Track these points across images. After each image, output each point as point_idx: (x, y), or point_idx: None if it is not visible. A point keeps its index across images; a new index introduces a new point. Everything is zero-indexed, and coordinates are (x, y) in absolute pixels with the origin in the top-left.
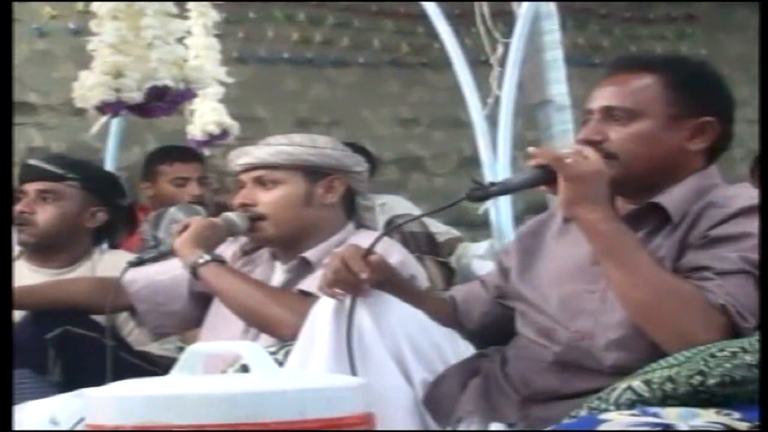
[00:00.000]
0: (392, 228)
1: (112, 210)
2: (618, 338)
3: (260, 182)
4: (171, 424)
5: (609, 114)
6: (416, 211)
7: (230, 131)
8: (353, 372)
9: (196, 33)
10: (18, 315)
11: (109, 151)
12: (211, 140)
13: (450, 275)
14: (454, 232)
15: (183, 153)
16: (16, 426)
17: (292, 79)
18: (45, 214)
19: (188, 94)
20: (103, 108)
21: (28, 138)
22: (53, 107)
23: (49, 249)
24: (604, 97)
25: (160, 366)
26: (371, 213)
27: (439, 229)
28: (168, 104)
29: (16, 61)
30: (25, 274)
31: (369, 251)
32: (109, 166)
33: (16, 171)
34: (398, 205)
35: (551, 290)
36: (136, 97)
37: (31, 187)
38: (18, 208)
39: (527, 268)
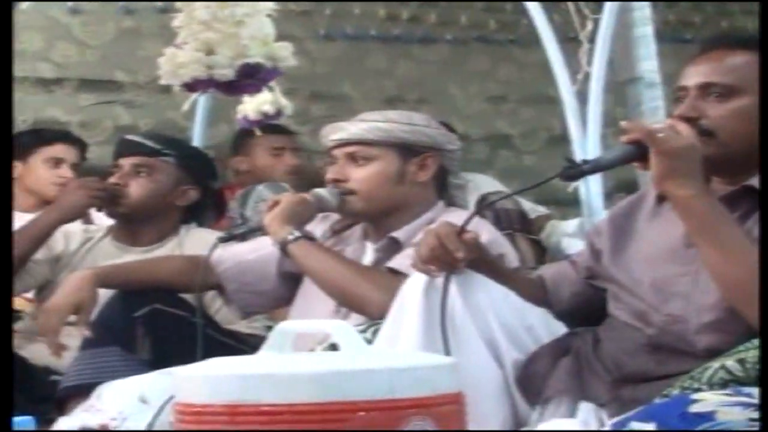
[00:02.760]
0: (485, 206)
1: (203, 190)
2: (711, 321)
3: (353, 158)
4: (260, 403)
5: (706, 91)
6: (502, 189)
7: (284, 111)
8: (446, 351)
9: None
10: (105, 294)
11: (197, 129)
12: (263, 120)
13: (541, 253)
14: (542, 210)
15: (276, 126)
16: (107, 404)
17: (380, 57)
18: (138, 187)
19: (276, 72)
20: (194, 85)
21: (116, 116)
22: (140, 85)
23: (137, 225)
24: (700, 73)
25: (248, 344)
26: (462, 192)
27: (527, 206)
28: (258, 82)
29: (103, 40)
30: (113, 253)
31: (463, 229)
32: (196, 144)
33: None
34: (484, 183)
35: (644, 273)
36: (228, 74)
37: (127, 162)
38: (111, 180)
39: (619, 251)
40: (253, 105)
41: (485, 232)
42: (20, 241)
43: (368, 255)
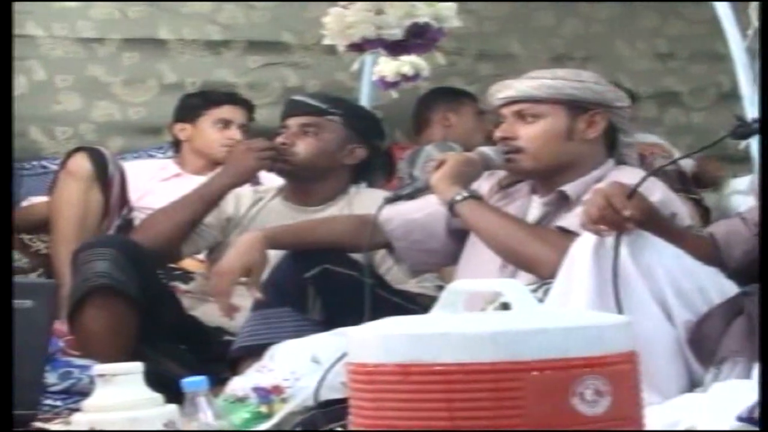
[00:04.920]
0: (658, 168)
1: (371, 150)
2: None
3: (521, 116)
4: (433, 362)
5: None
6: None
7: (422, 73)
8: (618, 310)
9: None
10: (275, 255)
11: (364, 90)
12: (401, 81)
13: (704, 212)
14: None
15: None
16: (279, 364)
17: (547, 15)
18: (305, 146)
19: (442, 33)
20: (361, 45)
21: (283, 78)
22: (307, 46)
23: (306, 184)
24: None
25: (418, 304)
26: (632, 150)
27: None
28: (426, 42)
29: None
30: (283, 213)
31: (634, 191)
32: (363, 104)
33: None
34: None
35: None
36: (396, 33)
37: (294, 122)
38: (279, 139)
39: None
40: (391, 67)
41: (657, 191)
42: (192, 205)
43: (535, 209)
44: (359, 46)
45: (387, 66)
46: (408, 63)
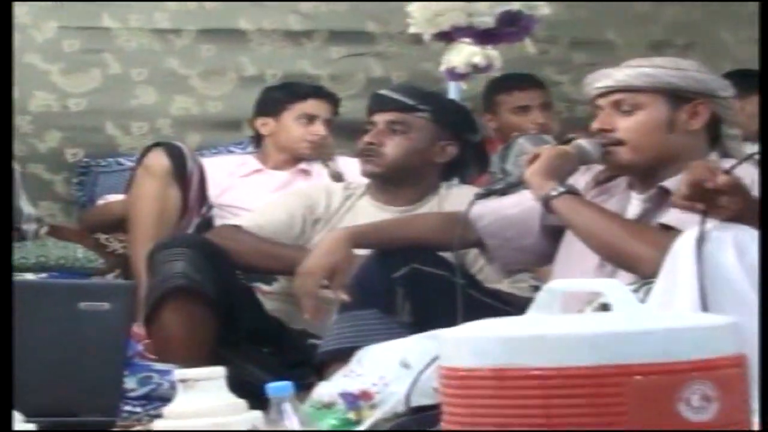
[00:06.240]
0: (751, 154)
1: (463, 145)
2: None
3: (619, 107)
4: (530, 366)
5: None
6: None
7: (494, 64)
8: (703, 306)
9: None
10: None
11: (453, 82)
12: (472, 72)
13: None
14: None
15: (521, 80)
16: (368, 369)
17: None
18: (393, 146)
19: (534, 20)
20: (450, 34)
21: (368, 68)
22: (392, 35)
23: (395, 184)
24: None
25: (512, 305)
26: (736, 142)
27: None
28: (519, 30)
29: None
30: (370, 212)
31: (729, 170)
32: (452, 96)
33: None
34: None
35: None
36: (488, 21)
37: (381, 118)
38: (366, 138)
39: None
40: (461, 57)
41: (748, 178)
42: (276, 260)
43: (634, 206)
44: (447, 35)
45: (457, 56)
46: (479, 53)
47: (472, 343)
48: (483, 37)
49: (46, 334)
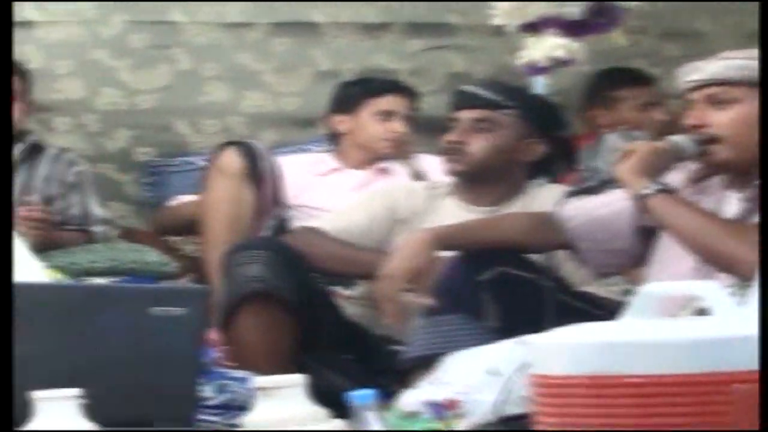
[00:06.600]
0: None
1: (551, 142)
2: None
3: (714, 101)
4: (626, 374)
5: None
6: None
7: (576, 57)
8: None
9: None
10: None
11: (537, 77)
12: (553, 67)
13: None
14: None
15: (639, 75)
16: (454, 376)
17: None
18: (479, 144)
19: (623, 12)
20: (537, 25)
21: (448, 62)
22: (473, 27)
23: (480, 183)
24: None
25: (605, 309)
26: None
27: None
28: (610, 21)
29: None
30: (455, 212)
31: None
32: (538, 91)
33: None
34: None
35: None
36: (576, 12)
37: (465, 115)
38: (450, 137)
39: None
40: (542, 50)
41: None
42: (354, 265)
43: (732, 205)
44: (534, 26)
45: (535, 50)
46: (560, 46)
47: (566, 350)
48: (571, 28)
49: (118, 340)
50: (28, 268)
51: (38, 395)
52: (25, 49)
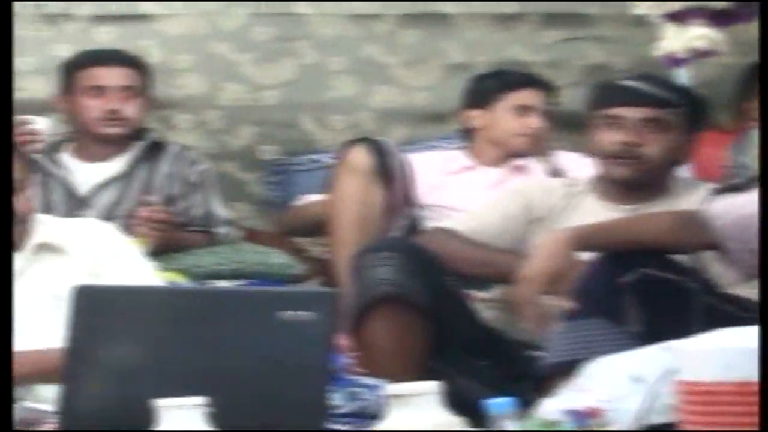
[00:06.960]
0: None
1: (696, 138)
2: None
3: None
4: None
5: None
6: None
7: (718, 48)
8: None
9: None
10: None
11: (681, 70)
12: (693, 58)
13: None
14: None
15: None
16: (596, 383)
17: None
18: (654, 147)
19: None
20: (682, 15)
21: (585, 54)
22: (612, 17)
23: (629, 181)
24: None
25: (754, 312)
26: None
27: None
28: (755, 10)
29: None
30: (597, 211)
31: None
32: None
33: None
34: None
35: None
36: (724, 2)
37: (632, 114)
38: (622, 138)
39: None
40: (681, 41)
41: None
42: (484, 267)
43: None
44: (678, 16)
45: (674, 41)
46: (703, 36)
47: (716, 356)
48: (716, 18)
49: (243, 345)
50: (142, 271)
51: (161, 403)
52: (144, 44)
